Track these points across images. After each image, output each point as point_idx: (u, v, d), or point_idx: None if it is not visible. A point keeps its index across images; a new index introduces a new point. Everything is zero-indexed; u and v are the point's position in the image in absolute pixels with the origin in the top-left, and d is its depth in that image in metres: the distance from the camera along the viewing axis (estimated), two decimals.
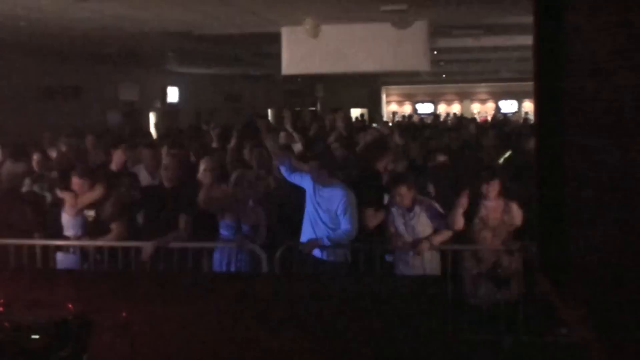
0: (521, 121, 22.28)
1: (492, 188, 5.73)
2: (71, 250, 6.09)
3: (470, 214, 5.82)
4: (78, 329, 2.01)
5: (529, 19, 2.02)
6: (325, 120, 11.58)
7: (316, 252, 5.89)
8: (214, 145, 9.05)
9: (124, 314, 2.84)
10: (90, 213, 6.07)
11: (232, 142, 8.43)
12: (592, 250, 1.54)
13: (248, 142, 7.99)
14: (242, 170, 6.39)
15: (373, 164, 6.68)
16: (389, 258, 6.06)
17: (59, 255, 6.13)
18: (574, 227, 1.66)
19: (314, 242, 5.81)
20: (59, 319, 1.97)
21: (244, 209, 5.98)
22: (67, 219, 6.12)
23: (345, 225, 5.77)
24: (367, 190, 6.25)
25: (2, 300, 2.60)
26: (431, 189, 6.69)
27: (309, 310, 3.12)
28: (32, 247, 6.03)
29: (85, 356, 2.08)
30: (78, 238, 6.05)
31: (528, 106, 27.01)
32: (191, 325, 2.90)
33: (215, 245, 5.99)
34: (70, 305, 2.28)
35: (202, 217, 6.06)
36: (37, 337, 1.92)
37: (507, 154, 7.89)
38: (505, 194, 5.77)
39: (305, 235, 5.95)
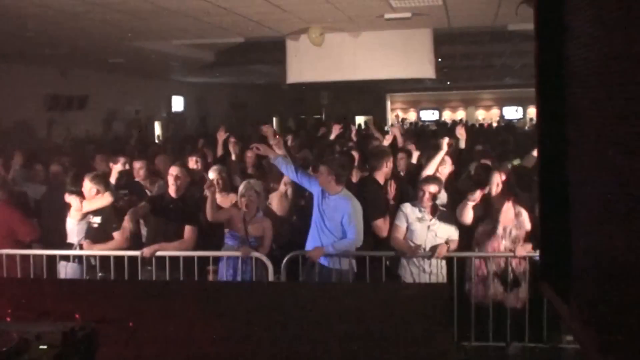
0: (527, 127, 22.21)
1: (501, 177, 5.87)
2: (71, 258, 6.09)
3: (480, 216, 5.85)
4: (85, 339, 2.01)
5: (532, 26, 2.03)
6: (331, 129, 11.51)
7: (322, 260, 5.88)
8: (219, 152, 8.91)
9: (130, 324, 2.84)
10: (96, 219, 6.09)
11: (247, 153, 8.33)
12: (595, 257, 1.53)
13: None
14: (249, 181, 6.29)
15: (373, 172, 6.64)
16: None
17: (62, 265, 6.14)
18: (577, 233, 1.66)
19: (319, 251, 5.79)
20: (66, 329, 1.97)
21: (251, 220, 5.96)
22: (72, 224, 6.13)
23: (350, 234, 5.74)
24: (372, 199, 6.22)
25: (9, 311, 2.61)
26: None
27: (314, 318, 3.11)
28: (37, 257, 6.05)
29: None
30: (80, 245, 6.08)
31: (533, 112, 26.87)
32: (198, 334, 2.90)
33: (221, 254, 5.97)
34: (77, 315, 2.28)
35: (208, 226, 6.05)
36: (44, 347, 1.92)
37: (516, 162, 7.82)
38: (515, 199, 5.79)
39: (311, 241, 5.93)
